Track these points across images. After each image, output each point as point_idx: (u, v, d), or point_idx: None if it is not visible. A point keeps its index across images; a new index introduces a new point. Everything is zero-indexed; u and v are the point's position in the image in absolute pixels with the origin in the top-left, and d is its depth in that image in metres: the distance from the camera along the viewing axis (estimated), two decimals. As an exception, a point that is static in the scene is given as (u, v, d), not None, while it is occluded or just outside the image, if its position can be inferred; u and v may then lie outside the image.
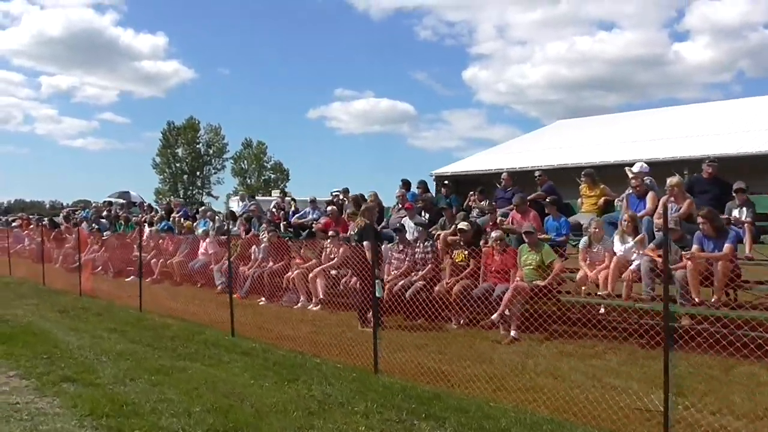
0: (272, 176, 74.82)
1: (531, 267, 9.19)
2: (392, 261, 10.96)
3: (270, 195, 36.97)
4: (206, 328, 9.88)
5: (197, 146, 71.83)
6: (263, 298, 12.68)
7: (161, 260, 16.07)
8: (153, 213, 21.29)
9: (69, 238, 21.18)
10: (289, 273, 12.64)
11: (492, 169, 33.07)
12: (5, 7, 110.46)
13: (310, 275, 11.90)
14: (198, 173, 72.17)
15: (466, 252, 10.10)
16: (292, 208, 17.05)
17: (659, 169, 13.34)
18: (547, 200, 10.83)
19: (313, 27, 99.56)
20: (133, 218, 21.08)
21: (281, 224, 16.12)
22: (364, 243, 9.92)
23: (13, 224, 28.42)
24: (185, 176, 71.89)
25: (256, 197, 27.20)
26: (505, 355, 8.03)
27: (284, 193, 18.49)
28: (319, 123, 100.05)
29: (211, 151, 72.69)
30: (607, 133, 35.34)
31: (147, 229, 18.96)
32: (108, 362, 7.63)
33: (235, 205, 29.04)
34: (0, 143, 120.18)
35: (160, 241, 16.73)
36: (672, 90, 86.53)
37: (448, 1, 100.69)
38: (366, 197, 14.80)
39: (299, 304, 12.01)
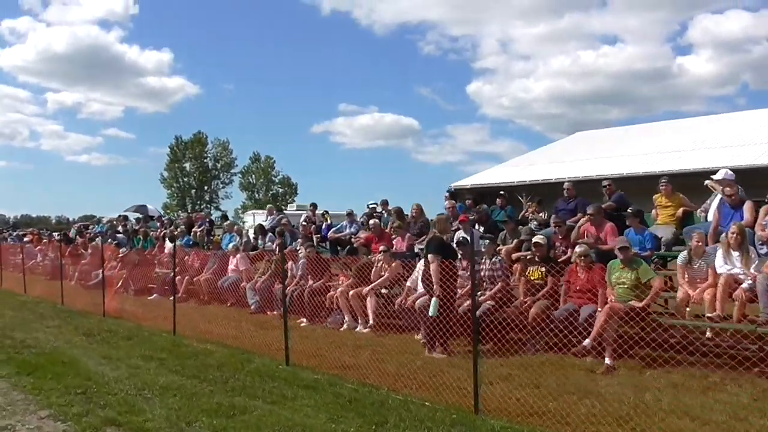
0: (280, 190, 73.84)
1: (625, 286, 8.06)
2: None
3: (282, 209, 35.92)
4: (253, 356, 8.75)
5: (205, 161, 70.88)
6: (304, 319, 11.55)
7: (186, 277, 14.93)
8: (172, 227, 20.17)
9: (84, 254, 20.11)
10: (332, 292, 11.52)
11: (513, 181, 32.04)
12: (11, 24, 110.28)
13: (351, 293, 10.77)
14: (206, 188, 71.15)
15: (543, 269, 8.98)
16: (327, 222, 15.93)
17: (690, 179, 12.42)
18: (630, 211, 9.72)
19: (318, 42, 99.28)
20: (152, 233, 20.00)
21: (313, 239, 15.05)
22: (429, 256, 8.84)
23: (24, 239, 27.31)
24: (193, 191, 70.87)
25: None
26: (611, 388, 6.89)
27: (315, 206, 17.35)
28: (323, 138, 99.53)
29: (219, 166, 71.72)
30: (629, 144, 34.28)
31: (168, 244, 17.89)
32: (154, 399, 6.51)
33: (251, 219, 28.02)
34: (6, 159, 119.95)
35: (186, 257, 15.58)
36: (676, 103, 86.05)
37: (452, 16, 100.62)
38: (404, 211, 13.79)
39: (344, 326, 10.87)
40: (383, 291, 10.74)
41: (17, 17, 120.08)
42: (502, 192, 13.19)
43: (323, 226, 15.70)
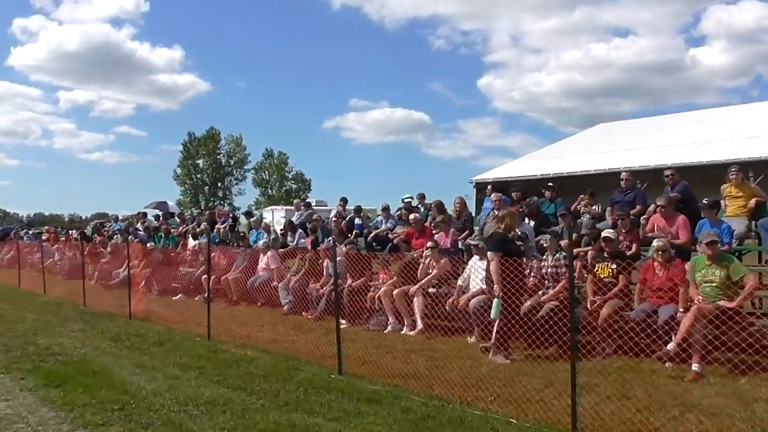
0: (293, 186, 73.17)
1: (713, 284, 7.25)
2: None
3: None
4: (299, 363, 8.01)
5: (218, 157, 70.33)
6: (343, 321, 10.78)
7: (213, 276, 14.18)
8: (194, 224, 19.47)
9: (104, 253, 19.46)
10: (372, 291, 10.78)
11: (537, 174, 31.18)
12: (23, 23, 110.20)
13: (396, 293, 10.01)
14: (219, 184, 70.61)
15: (614, 266, 8.18)
16: (361, 217, 15.16)
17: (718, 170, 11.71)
18: (705, 202, 8.90)
19: (328, 38, 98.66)
20: (173, 230, 19.31)
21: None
22: (489, 254, 8.06)
23: (42, 237, 26.72)
24: (206, 187, 70.35)
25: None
26: (711, 399, 6.13)
27: (345, 201, 16.57)
28: (335, 133, 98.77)
29: (232, 162, 71.16)
30: (653, 135, 33.31)
31: (191, 242, 17.20)
32: (201, 416, 5.78)
33: (269, 216, 27.25)
34: (19, 158, 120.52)
35: (213, 254, 14.85)
36: (689, 96, 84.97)
37: (462, 10, 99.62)
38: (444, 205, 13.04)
39: (389, 328, 10.11)
40: (431, 290, 9.98)
41: (29, 16, 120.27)
42: (551, 183, 12.38)
43: (355, 222, 14.92)
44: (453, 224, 11.63)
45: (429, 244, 10.25)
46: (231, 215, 18.09)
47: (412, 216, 11.97)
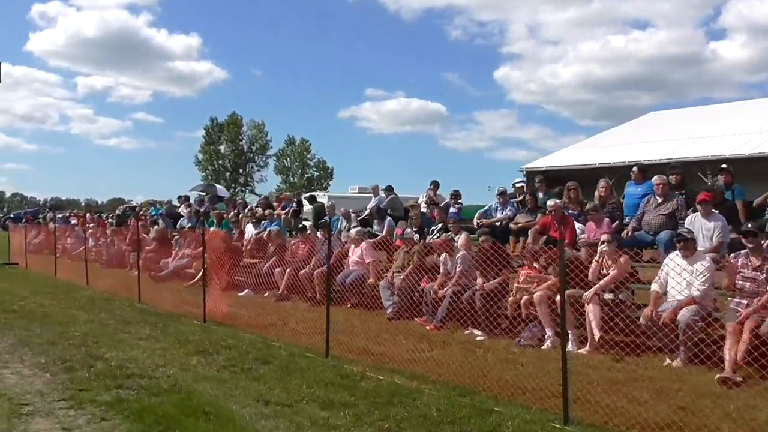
0: (315, 174, 70.91)
1: None
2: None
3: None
4: (480, 397, 5.71)
5: (240, 143, 68.01)
6: (476, 332, 8.51)
7: (288, 270, 11.89)
8: (247, 210, 17.19)
9: (147, 239, 17.17)
10: (515, 295, 8.47)
11: (595, 163, 28.77)
12: (42, 8, 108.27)
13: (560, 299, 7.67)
14: (241, 170, 68.34)
15: None
16: (458, 203, 12.80)
17: None
18: None
19: (344, 28, 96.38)
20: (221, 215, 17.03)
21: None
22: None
23: (72, 221, 24.49)
24: (228, 174, 68.08)
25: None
26: None
27: (437, 185, 14.19)
28: (350, 123, 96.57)
29: (254, 148, 68.83)
30: (705, 125, 30.84)
31: (250, 229, 14.90)
32: None
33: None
34: (37, 142, 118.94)
35: (293, 244, 12.56)
36: (709, 89, 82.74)
37: (479, 0, 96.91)
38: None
39: (548, 344, 7.79)
40: (606, 296, 7.64)
41: (48, 2, 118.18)
42: (724, 165, 9.94)
43: (450, 210, 12.57)
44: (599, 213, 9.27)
45: (604, 237, 7.89)
46: (295, 200, 15.70)
47: (551, 202, 9.60)
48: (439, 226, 11.18)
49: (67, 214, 27.54)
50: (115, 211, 29.65)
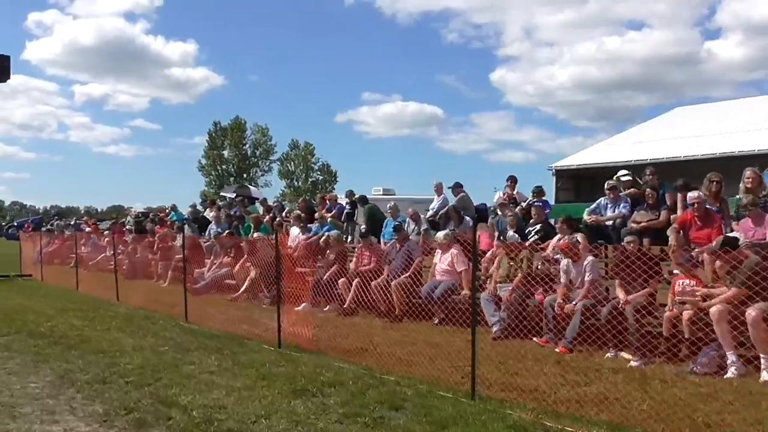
0: (320, 178, 69.16)
1: None
2: None
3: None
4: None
5: (244, 147, 66.17)
6: (627, 355, 6.80)
7: (357, 281, 10.15)
8: (285, 212, 15.45)
9: (175, 247, 15.40)
10: (671, 309, 6.77)
11: (630, 160, 27.09)
12: (38, 17, 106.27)
13: (751, 314, 5.97)
14: (245, 175, 66.40)
15: None
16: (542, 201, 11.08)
17: None
18: None
19: (340, 32, 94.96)
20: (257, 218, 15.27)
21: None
22: None
23: (86, 229, 22.62)
24: (231, 178, 66.17)
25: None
26: None
27: (514, 180, 12.45)
28: (347, 127, 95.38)
29: (257, 153, 67.00)
30: (734, 120, 29.30)
31: (295, 233, 13.16)
32: None
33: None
34: (35, 151, 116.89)
35: (359, 251, 10.79)
36: (705, 89, 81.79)
37: (475, 3, 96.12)
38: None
39: (732, 372, 6.08)
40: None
41: (44, 10, 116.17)
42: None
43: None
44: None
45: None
46: (349, 201, 13.91)
47: (694, 194, 7.87)
48: (538, 227, 9.45)
49: (74, 221, 25.61)
50: (127, 218, 27.84)
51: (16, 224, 42.36)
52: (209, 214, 18.39)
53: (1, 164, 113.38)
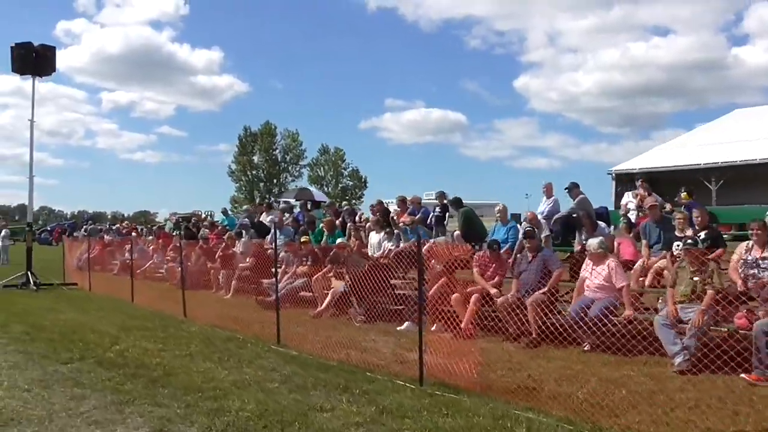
0: (350, 183, 67.67)
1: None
2: None
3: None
4: None
5: (274, 153, 64.84)
6: None
7: (476, 297, 8.39)
8: (357, 217, 13.79)
9: (237, 255, 13.79)
10: None
11: (699, 163, 25.24)
12: (67, 25, 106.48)
13: None
14: (275, 180, 65.13)
15: None
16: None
17: None
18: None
19: (364, 39, 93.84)
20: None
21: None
22: None
23: (132, 234, 21.09)
24: (261, 184, 64.98)
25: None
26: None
27: (646, 180, 10.64)
28: (371, 133, 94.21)
29: (288, 158, 65.63)
30: None
31: (380, 241, 11.47)
32: None
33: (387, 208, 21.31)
34: (63, 157, 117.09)
35: (479, 261, 9.02)
36: (731, 95, 79.78)
37: (497, 10, 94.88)
38: None
39: None
40: None
41: (72, 19, 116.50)
42: None
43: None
44: None
45: None
46: (441, 204, 12.18)
47: None
48: (703, 233, 7.65)
49: (109, 226, 24.15)
50: (166, 223, 26.41)
51: (49, 228, 41.23)
52: (266, 218, 16.81)
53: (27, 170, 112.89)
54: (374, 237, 11.65)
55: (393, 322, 9.18)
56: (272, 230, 14.78)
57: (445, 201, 11.97)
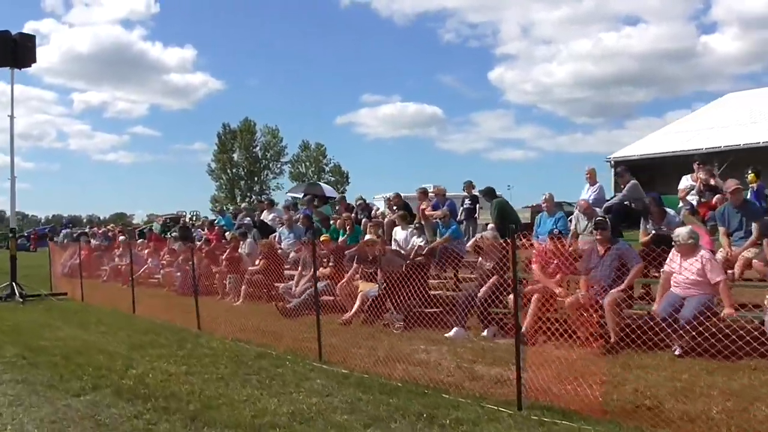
0: (332, 179, 66.35)
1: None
2: None
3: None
4: None
5: (254, 150, 63.29)
6: None
7: (536, 297, 7.40)
8: (376, 212, 12.73)
9: (244, 258, 12.64)
10: None
11: (702, 148, 24.56)
12: (35, 26, 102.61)
13: None
14: (255, 178, 63.62)
15: None
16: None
17: None
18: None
19: (338, 34, 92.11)
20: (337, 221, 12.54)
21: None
22: None
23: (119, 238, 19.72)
24: (242, 182, 63.45)
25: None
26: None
27: (704, 162, 9.74)
28: (348, 129, 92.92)
29: (268, 155, 64.12)
30: None
31: (408, 237, 10.45)
32: None
33: (381, 205, 20.38)
34: (35, 160, 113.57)
35: (540, 256, 7.99)
36: (702, 83, 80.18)
37: (470, 3, 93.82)
38: None
39: None
40: None
41: (41, 19, 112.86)
42: None
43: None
44: None
45: None
46: (468, 194, 11.16)
47: None
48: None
49: (104, 231, 22.66)
50: (153, 224, 25.06)
51: (26, 234, 39.35)
52: (267, 217, 15.67)
53: (1, 174, 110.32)
54: (399, 233, 10.61)
55: (433, 327, 8.15)
56: (278, 229, 13.69)
57: (474, 192, 10.97)
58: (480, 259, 8.33)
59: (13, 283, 13.42)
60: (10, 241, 14.64)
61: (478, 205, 10.98)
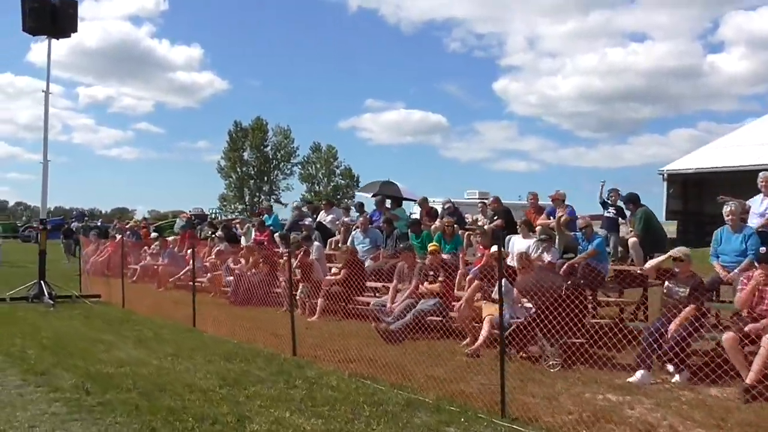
0: (342, 182, 64.66)
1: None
2: None
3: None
4: None
5: (265, 149, 61.38)
6: None
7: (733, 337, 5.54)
8: (475, 218, 10.86)
9: (314, 265, 10.72)
10: None
11: (764, 164, 22.88)
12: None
13: None
14: (265, 178, 61.69)
15: None
16: None
17: None
18: None
19: (344, 39, 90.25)
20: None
21: None
22: None
23: (152, 234, 17.74)
24: (252, 181, 61.53)
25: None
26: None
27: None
28: (351, 133, 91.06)
29: (279, 155, 62.23)
30: None
31: (532, 252, 8.57)
32: None
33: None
34: (40, 152, 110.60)
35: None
36: (708, 102, 79.20)
37: (478, 13, 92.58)
38: None
39: None
40: None
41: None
42: None
43: None
44: None
45: None
46: (613, 203, 9.32)
47: None
48: None
49: (128, 225, 20.64)
50: (176, 221, 23.11)
51: (34, 225, 37.19)
52: (326, 218, 13.78)
53: (6, 165, 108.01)
54: (521, 243, 8.75)
55: (591, 365, 6.32)
56: (346, 233, 11.85)
57: (618, 199, 9.14)
58: (666, 283, 6.48)
59: (42, 282, 11.47)
60: (41, 233, 12.65)
61: (620, 219, 9.14)
